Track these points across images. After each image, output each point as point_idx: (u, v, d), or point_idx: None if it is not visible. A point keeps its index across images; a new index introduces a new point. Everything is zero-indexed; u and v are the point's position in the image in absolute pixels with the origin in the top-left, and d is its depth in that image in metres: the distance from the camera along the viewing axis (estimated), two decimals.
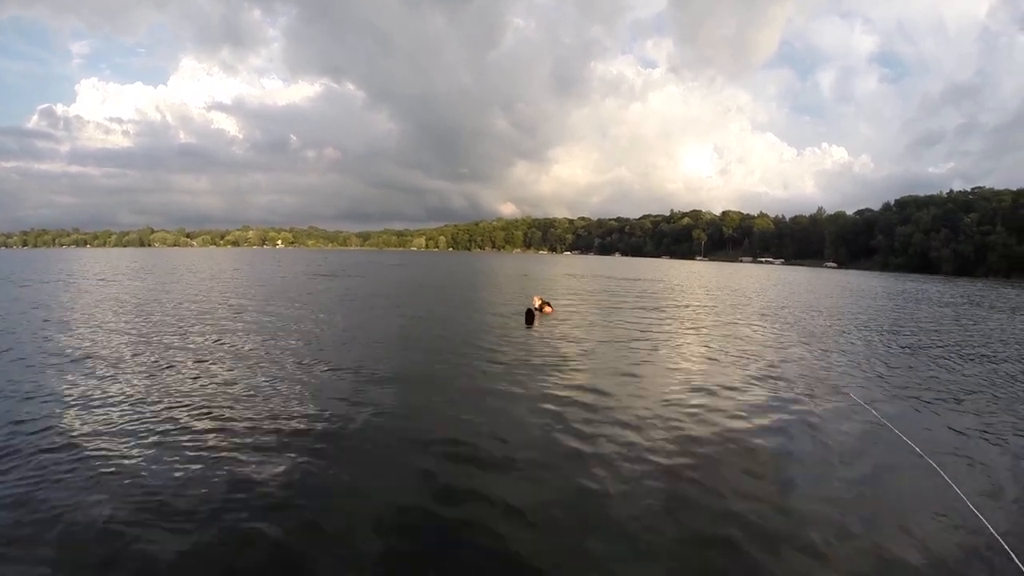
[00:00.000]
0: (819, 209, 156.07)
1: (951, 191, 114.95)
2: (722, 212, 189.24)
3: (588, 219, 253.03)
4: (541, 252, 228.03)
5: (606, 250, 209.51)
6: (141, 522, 3.91)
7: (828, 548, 3.81)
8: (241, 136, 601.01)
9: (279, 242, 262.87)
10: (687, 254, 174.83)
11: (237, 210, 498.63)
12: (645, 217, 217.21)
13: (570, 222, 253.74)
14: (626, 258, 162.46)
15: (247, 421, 5.98)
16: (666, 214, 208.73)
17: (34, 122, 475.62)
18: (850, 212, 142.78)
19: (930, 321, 18.44)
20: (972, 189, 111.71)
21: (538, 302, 15.69)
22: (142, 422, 5.89)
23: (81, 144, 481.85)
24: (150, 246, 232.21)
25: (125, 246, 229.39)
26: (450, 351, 10.09)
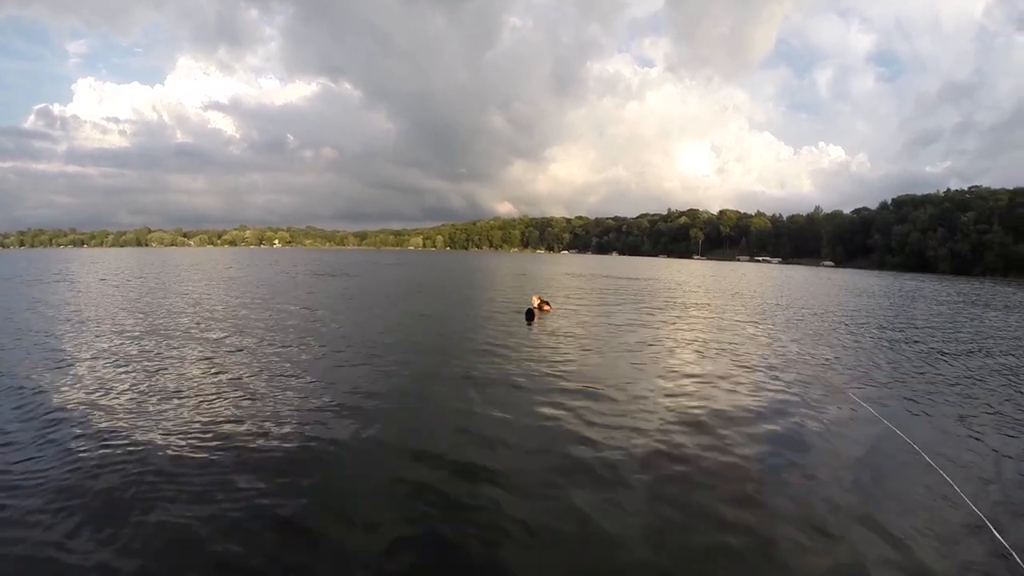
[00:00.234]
0: (816, 208, 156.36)
1: (948, 190, 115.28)
2: (719, 211, 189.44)
3: (585, 218, 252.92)
4: (538, 251, 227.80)
5: (603, 249, 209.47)
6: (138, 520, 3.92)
7: (827, 547, 3.80)
8: (238, 136, 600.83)
9: (276, 242, 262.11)
10: (684, 253, 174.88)
11: (234, 210, 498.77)
12: (642, 216, 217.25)
13: (567, 221, 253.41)
14: (624, 257, 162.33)
15: (245, 420, 5.99)
16: (663, 213, 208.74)
17: (31, 122, 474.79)
18: (847, 211, 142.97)
19: (927, 319, 18.48)
20: (969, 188, 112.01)
21: (537, 301, 15.74)
22: (135, 420, 5.91)
23: (78, 144, 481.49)
24: (147, 246, 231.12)
25: (122, 246, 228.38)
26: (451, 350, 10.12)
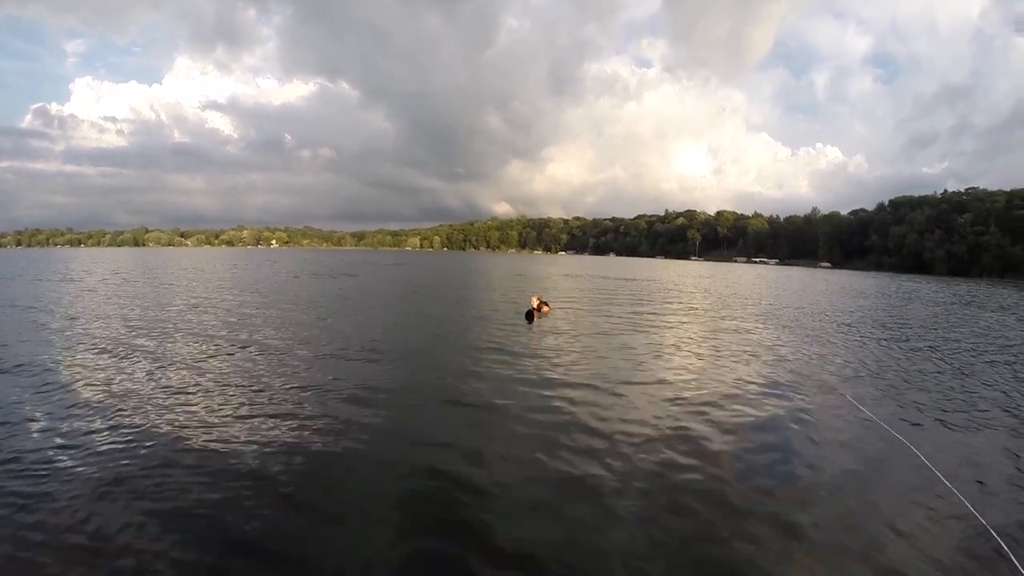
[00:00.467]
0: (814, 209, 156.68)
1: (945, 191, 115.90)
2: (717, 212, 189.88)
3: (583, 219, 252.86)
4: (536, 252, 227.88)
5: (601, 250, 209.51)
6: (133, 522, 3.86)
7: (822, 547, 3.78)
8: (236, 135, 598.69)
9: (274, 242, 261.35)
10: (682, 254, 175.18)
11: (232, 210, 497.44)
12: (640, 217, 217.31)
13: (565, 222, 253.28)
14: (621, 258, 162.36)
15: (241, 421, 5.96)
16: (661, 214, 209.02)
17: (28, 121, 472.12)
18: (844, 212, 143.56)
19: (923, 320, 18.47)
20: (966, 190, 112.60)
21: (536, 302, 15.67)
22: (132, 420, 5.88)
23: (76, 143, 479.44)
24: (144, 246, 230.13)
25: (119, 246, 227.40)
26: (452, 350, 10.11)
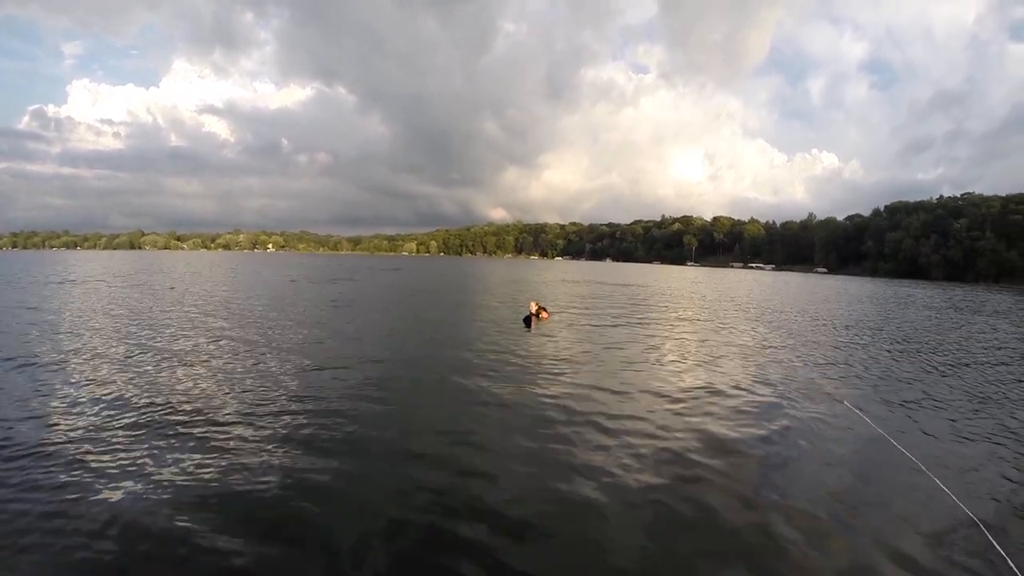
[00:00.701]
0: (810, 215, 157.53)
1: (940, 197, 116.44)
2: (713, 218, 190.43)
3: (579, 224, 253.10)
4: (532, 257, 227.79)
5: (597, 255, 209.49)
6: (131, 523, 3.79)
7: (821, 555, 3.73)
8: (233, 139, 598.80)
9: (270, 246, 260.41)
10: (678, 259, 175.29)
11: (229, 214, 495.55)
12: (636, 223, 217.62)
13: (561, 227, 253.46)
14: (617, 263, 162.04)
15: (237, 422, 5.92)
16: (657, 219, 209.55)
17: (25, 123, 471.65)
18: (840, 218, 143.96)
19: (920, 326, 18.43)
20: (961, 195, 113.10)
21: (535, 307, 15.43)
22: (129, 420, 5.85)
23: (72, 145, 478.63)
24: (141, 249, 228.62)
25: (115, 248, 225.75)
26: (452, 355, 10.07)
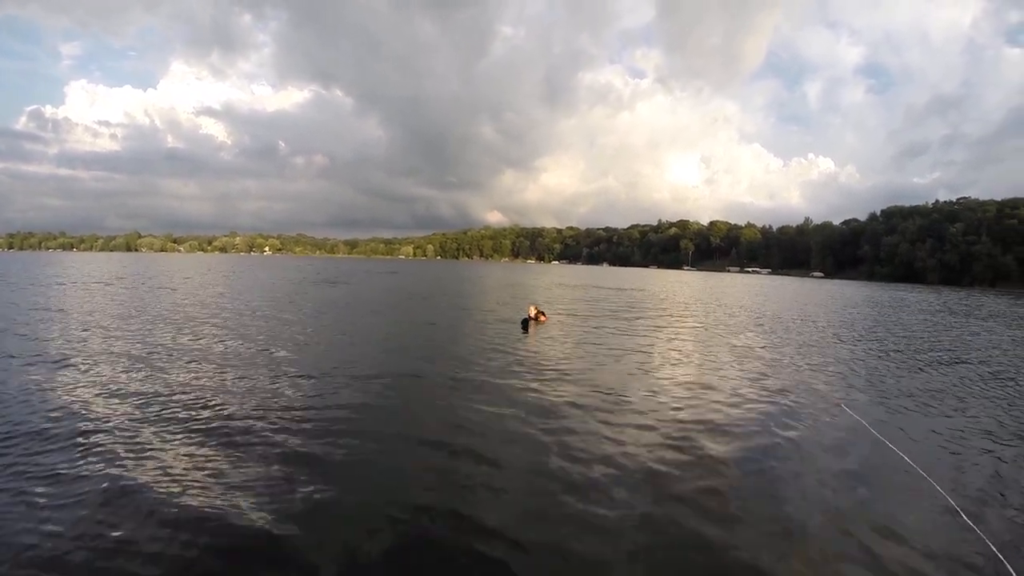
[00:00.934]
0: (806, 219, 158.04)
1: (936, 201, 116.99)
2: (709, 222, 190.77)
3: (576, 229, 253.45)
4: (529, 261, 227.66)
5: (594, 260, 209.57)
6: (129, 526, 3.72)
7: (817, 556, 3.73)
8: (230, 142, 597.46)
9: (267, 249, 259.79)
10: (674, 264, 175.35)
11: (226, 216, 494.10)
12: (633, 227, 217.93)
13: (558, 231, 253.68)
14: (614, 268, 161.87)
15: (234, 424, 5.87)
16: (653, 224, 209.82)
17: (22, 123, 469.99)
18: (836, 222, 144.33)
19: (915, 329, 18.34)
20: (958, 199, 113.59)
21: (534, 311, 15.33)
22: (128, 422, 5.80)
23: (69, 147, 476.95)
24: (137, 251, 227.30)
25: (112, 250, 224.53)
26: (450, 357, 10.05)
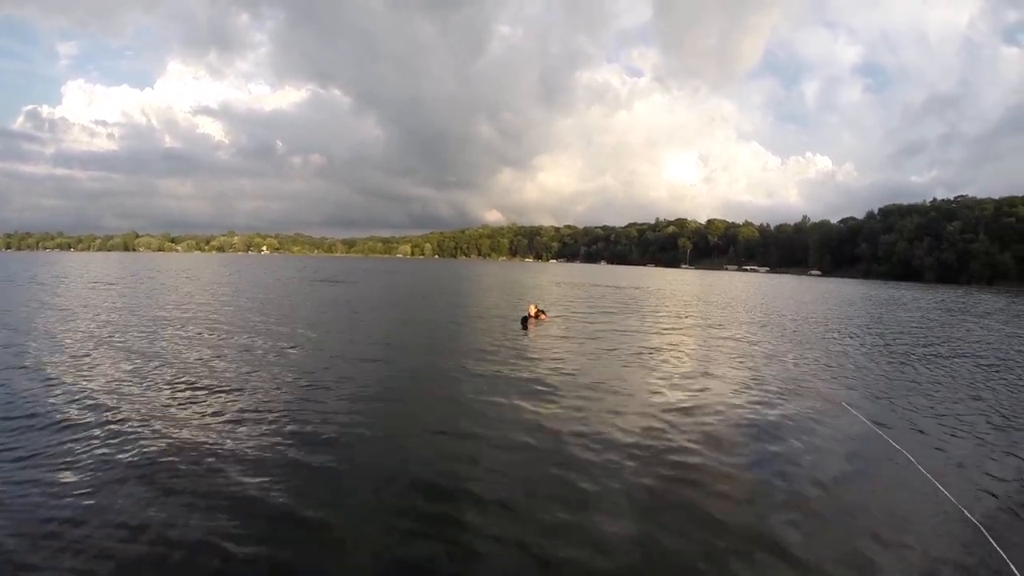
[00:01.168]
0: (804, 218, 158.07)
1: (934, 200, 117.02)
2: (707, 220, 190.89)
3: (574, 227, 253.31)
4: (527, 260, 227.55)
5: (592, 258, 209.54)
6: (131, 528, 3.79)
7: (818, 552, 3.74)
8: (227, 141, 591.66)
9: (264, 248, 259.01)
10: (672, 262, 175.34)
11: (223, 215, 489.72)
12: (631, 225, 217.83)
13: (556, 230, 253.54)
14: (612, 266, 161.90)
15: (233, 421, 5.97)
16: (651, 222, 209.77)
17: (19, 123, 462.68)
18: (834, 220, 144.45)
19: (913, 327, 18.48)
20: (955, 198, 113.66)
21: (533, 310, 15.31)
22: (145, 410, 6.03)
23: (66, 146, 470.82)
24: (135, 250, 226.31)
25: (109, 250, 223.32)
26: (451, 354, 10.20)
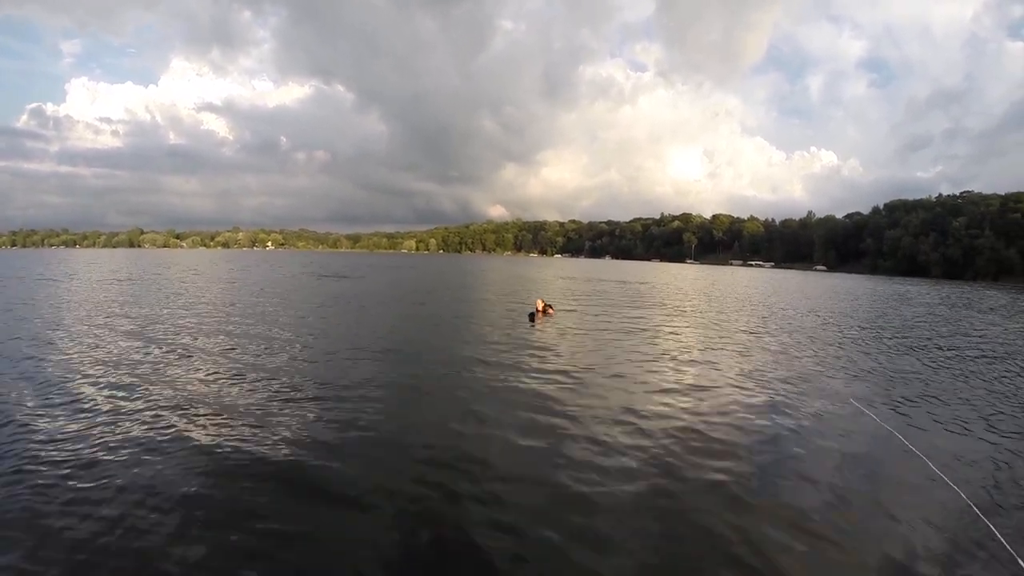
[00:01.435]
0: (809, 213, 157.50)
1: (940, 195, 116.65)
2: (712, 215, 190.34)
3: (579, 222, 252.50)
4: (531, 255, 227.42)
5: (597, 253, 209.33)
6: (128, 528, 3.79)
7: (828, 548, 3.76)
8: (231, 137, 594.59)
9: (269, 244, 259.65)
10: (677, 257, 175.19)
11: (227, 211, 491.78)
12: (635, 220, 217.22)
13: (561, 225, 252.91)
14: (617, 261, 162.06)
15: (237, 420, 5.98)
16: (656, 217, 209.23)
17: (24, 121, 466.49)
18: (839, 215, 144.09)
19: (919, 323, 18.48)
20: (961, 193, 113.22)
21: (541, 305, 15.81)
22: (130, 424, 5.82)
23: (71, 144, 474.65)
24: (140, 247, 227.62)
25: (115, 247, 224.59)
26: (459, 347, 10.36)
